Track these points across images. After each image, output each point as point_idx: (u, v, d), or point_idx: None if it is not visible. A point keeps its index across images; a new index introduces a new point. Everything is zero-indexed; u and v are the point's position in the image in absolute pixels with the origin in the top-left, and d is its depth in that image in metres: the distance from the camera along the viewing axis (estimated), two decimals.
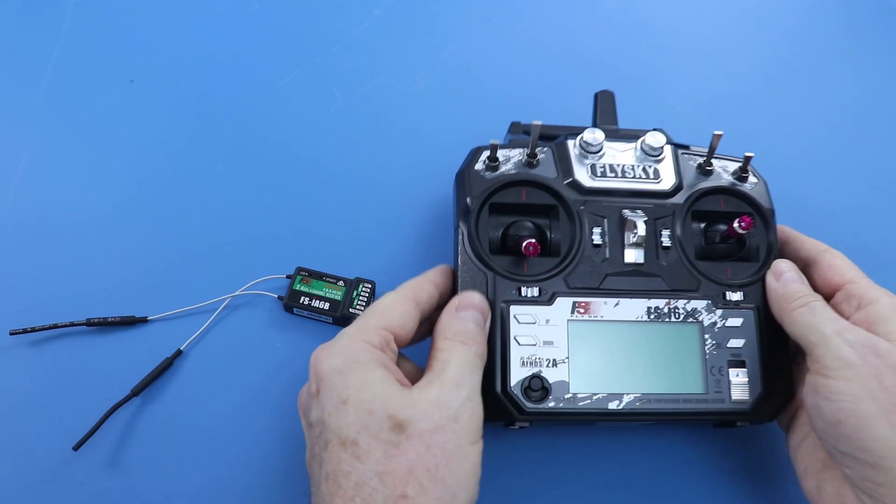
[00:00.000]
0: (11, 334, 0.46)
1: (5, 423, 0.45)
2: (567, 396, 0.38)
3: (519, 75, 0.55)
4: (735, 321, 0.40)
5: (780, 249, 0.43)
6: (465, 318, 0.37)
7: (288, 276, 0.48)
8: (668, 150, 0.43)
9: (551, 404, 0.38)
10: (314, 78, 0.55)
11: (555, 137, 0.46)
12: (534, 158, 0.42)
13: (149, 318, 0.47)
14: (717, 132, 0.41)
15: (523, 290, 0.39)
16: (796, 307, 0.37)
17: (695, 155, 0.44)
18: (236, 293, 0.48)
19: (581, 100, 0.50)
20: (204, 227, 0.50)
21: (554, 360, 0.38)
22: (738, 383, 0.39)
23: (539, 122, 0.39)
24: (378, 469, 0.31)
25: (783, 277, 0.39)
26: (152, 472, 0.44)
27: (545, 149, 0.43)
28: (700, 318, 0.40)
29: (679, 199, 0.42)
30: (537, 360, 0.38)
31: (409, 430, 0.31)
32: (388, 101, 0.54)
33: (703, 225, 0.43)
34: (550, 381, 0.38)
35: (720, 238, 0.42)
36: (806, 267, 0.41)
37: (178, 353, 0.46)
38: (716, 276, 0.41)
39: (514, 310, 0.39)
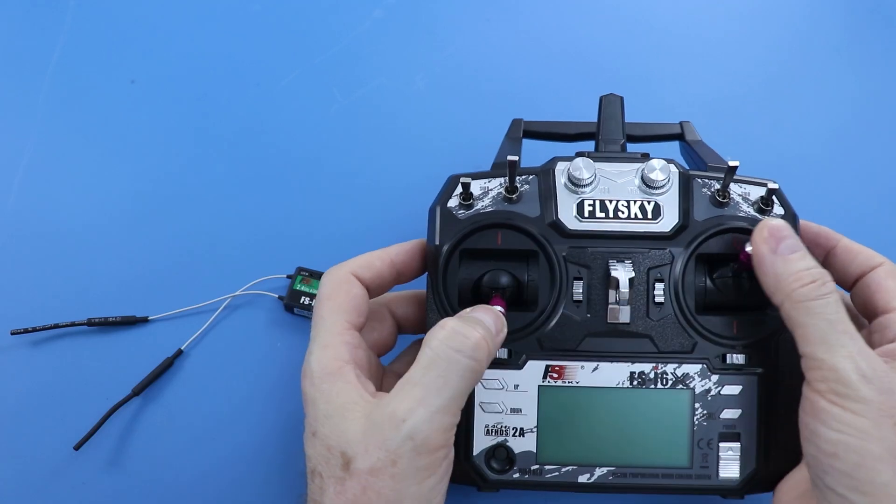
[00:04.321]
0: (13, 334, 0.46)
1: (7, 423, 0.45)
2: (533, 468, 0.36)
3: (519, 75, 0.55)
4: (732, 389, 0.36)
5: (822, 261, 0.37)
6: (467, 322, 0.31)
7: (288, 276, 0.48)
8: (674, 177, 0.37)
9: (516, 476, 0.36)
10: (314, 78, 0.55)
11: (562, 137, 0.43)
12: (513, 194, 0.37)
13: (149, 317, 0.47)
14: (732, 163, 0.34)
15: None
16: (803, 298, 0.31)
17: (711, 180, 0.37)
18: (237, 293, 0.48)
19: (582, 100, 0.49)
20: (204, 226, 0.50)
21: (521, 429, 0.36)
22: (729, 458, 0.36)
23: (515, 158, 0.35)
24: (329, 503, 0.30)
25: (783, 246, 0.32)
26: (152, 471, 0.44)
27: (530, 177, 0.37)
28: (691, 385, 0.36)
29: (681, 241, 0.36)
30: (503, 429, 0.36)
31: (352, 468, 0.30)
32: (388, 101, 0.54)
33: (709, 269, 0.37)
34: (516, 452, 0.36)
35: (732, 273, 0.36)
36: (854, 283, 0.36)
37: (179, 352, 0.46)
38: (719, 332, 0.36)
39: None
